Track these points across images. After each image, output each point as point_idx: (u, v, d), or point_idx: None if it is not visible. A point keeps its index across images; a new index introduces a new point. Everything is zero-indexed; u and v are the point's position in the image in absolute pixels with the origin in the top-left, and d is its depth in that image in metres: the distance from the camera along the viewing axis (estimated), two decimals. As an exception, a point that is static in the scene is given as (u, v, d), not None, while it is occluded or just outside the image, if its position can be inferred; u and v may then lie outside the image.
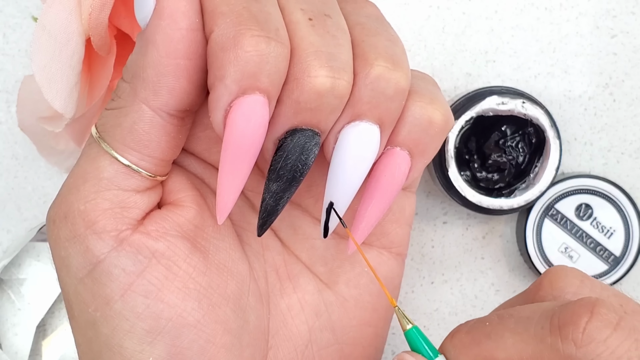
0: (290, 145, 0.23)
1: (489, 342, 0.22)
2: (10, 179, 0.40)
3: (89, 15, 0.28)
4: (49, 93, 0.29)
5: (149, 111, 0.23)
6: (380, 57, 0.23)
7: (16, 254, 0.38)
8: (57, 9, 0.28)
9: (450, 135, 0.36)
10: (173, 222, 0.25)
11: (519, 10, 0.39)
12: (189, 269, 0.24)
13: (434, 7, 0.39)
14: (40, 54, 0.28)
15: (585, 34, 0.40)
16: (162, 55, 0.22)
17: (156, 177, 0.24)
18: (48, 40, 0.28)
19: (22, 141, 0.40)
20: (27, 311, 0.38)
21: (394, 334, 0.40)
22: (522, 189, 0.37)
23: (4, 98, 0.39)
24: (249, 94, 0.22)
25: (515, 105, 0.36)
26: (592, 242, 0.38)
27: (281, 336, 0.27)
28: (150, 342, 0.24)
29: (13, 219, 0.40)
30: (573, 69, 0.40)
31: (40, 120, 0.33)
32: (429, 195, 0.40)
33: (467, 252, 0.40)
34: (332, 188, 0.24)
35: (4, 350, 0.39)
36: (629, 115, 0.40)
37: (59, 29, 0.28)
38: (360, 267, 0.28)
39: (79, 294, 0.24)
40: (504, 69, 0.40)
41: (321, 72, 0.22)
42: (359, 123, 0.24)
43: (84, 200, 0.24)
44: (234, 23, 0.22)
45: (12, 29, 0.39)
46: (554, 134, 0.36)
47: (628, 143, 0.40)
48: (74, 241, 0.24)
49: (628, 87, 0.40)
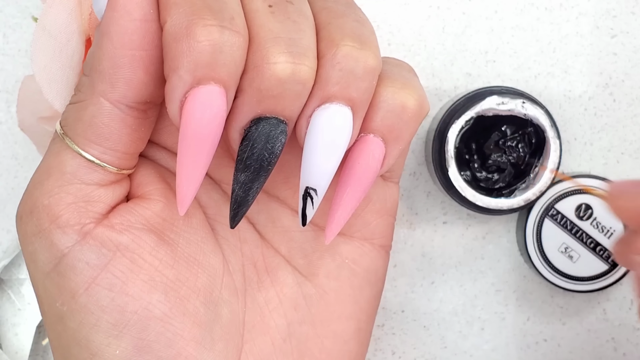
0: (255, 134, 0.23)
1: None
2: (10, 179, 0.40)
3: (89, 15, 0.28)
4: (49, 93, 0.29)
5: (107, 104, 0.23)
6: (346, 37, 0.23)
7: (16, 254, 0.38)
8: (57, 9, 0.28)
9: (450, 135, 0.36)
10: (139, 215, 0.25)
11: (519, 10, 0.39)
12: (155, 262, 0.24)
13: (434, 7, 0.39)
14: (40, 54, 0.28)
15: (585, 34, 0.40)
16: (116, 47, 0.22)
17: (121, 171, 0.24)
18: (48, 40, 0.28)
19: (22, 141, 0.40)
20: (27, 311, 0.38)
21: (394, 334, 0.40)
22: (522, 189, 0.37)
23: (4, 98, 0.39)
24: (204, 84, 0.22)
25: (515, 105, 0.36)
26: (592, 242, 0.38)
27: (258, 330, 0.27)
28: (117, 335, 0.24)
29: (13, 219, 0.40)
30: (573, 69, 0.40)
31: (40, 120, 0.33)
32: (429, 195, 0.40)
33: (467, 252, 0.40)
34: (307, 173, 0.24)
35: (4, 350, 0.39)
36: (629, 115, 0.40)
37: (59, 29, 0.28)
38: (341, 259, 0.28)
39: (46, 288, 0.24)
40: (504, 69, 0.40)
41: (281, 58, 0.22)
42: (329, 105, 0.23)
43: (47, 195, 0.23)
44: (186, 13, 0.21)
45: (12, 29, 0.39)
46: (554, 134, 0.36)
47: (628, 143, 0.40)
48: (39, 236, 0.24)
49: (628, 87, 0.40)
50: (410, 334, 0.40)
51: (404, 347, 0.40)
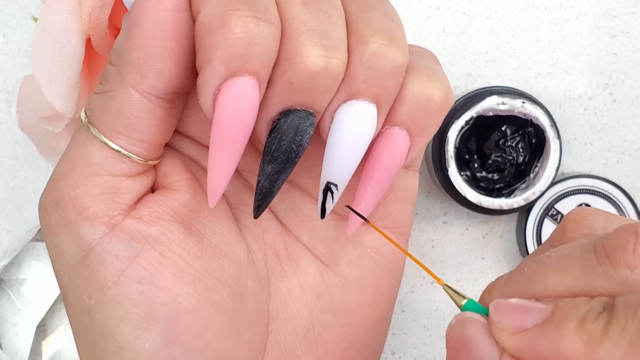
0: (284, 126, 0.23)
1: (533, 286, 0.21)
2: (10, 179, 0.40)
3: (89, 15, 0.28)
4: (49, 93, 0.29)
5: (137, 95, 0.23)
6: (375, 34, 0.23)
7: (16, 254, 0.38)
8: (57, 9, 0.28)
9: (450, 135, 0.36)
10: (166, 207, 0.24)
11: (519, 10, 0.39)
12: (183, 254, 0.24)
13: (434, 7, 0.39)
14: (40, 54, 0.28)
15: (585, 34, 0.40)
16: (147, 37, 0.22)
17: (147, 162, 0.24)
18: (48, 40, 0.28)
19: (22, 141, 0.40)
20: (27, 311, 0.38)
21: (394, 334, 0.40)
22: (522, 189, 0.37)
23: (4, 98, 0.39)
24: (238, 76, 0.21)
25: (515, 105, 0.36)
26: (592, 242, 0.38)
27: (282, 320, 0.27)
28: (146, 328, 0.23)
29: (13, 219, 0.40)
30: (573, 69, 0.40)
31: (40, 120, 0.33)
32: (429, 195, 0.40)
33: (467, 252, 0.40)
34: (329, 168, 0.24)
35: (4, 350, 0.38)
36: (629, 115, 0.40)
37: (59, 29, 0.28)
38: (363, 248, 0.28)
39: (72, 281, 0.24)
40: (504, 69, 0.40)
41: (314, 51, 0.22)
42: (355, 102, 0.23)
43: (74, 186, 0.23)
44: (221, 3, 0.21)
45: (12, 29, 0.39)
46: (554, 134, 0.36)
47: (628, 143, 0.40)
48: (65, 228, 0.23)
49: (628, 87, 0.40)
50: (410, 334, 0.40)
51: (404, 347, 0.40)
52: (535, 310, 0.20)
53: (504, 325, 0.20)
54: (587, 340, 0.18)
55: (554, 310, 0.20)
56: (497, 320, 0.20)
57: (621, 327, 0.18)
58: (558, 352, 0.19)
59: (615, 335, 0.18)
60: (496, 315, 0.20)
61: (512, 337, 0.20)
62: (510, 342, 0.20)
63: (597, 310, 0.19)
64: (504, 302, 0.21)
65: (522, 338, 0.20)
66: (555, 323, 0.19)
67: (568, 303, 0.20)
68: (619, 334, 0.18)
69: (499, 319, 0.20)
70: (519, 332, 0.20)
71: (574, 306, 0.19)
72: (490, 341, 0.20)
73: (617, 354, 0.18)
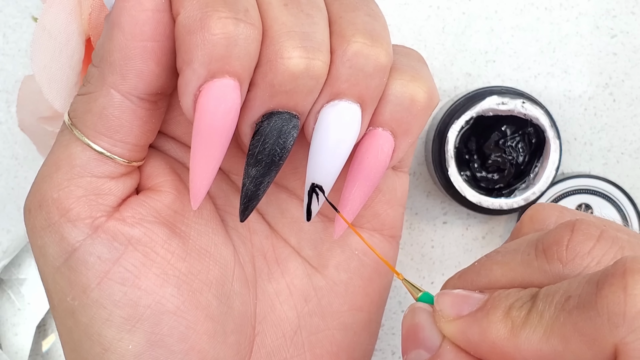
0: (267, 128, 0.23)
1: (480, 279, 0.22)
2: (10, 179, 0.40)
3: (89, 15, 0.28)
4: (49, 93, 0.29)
5: (118, 96, 0.23)
6: (358, 33, 0.23)
7: (16, 254, 0.38)
8: (57, 9, 0.28)
9: (450, 135, 0.36)
10: (150, 208, 0.24)
11: (519, 10, 0.39)
12: (167, 255, 0.24)
13: (434, 7, 0.39)
14: (40, 54, 0.28)
15: (585, 34, 0.40)
16: (127, 38, 0.22)
17: (131, 163, 0.24)
18: (48, 40, 0.28)
19: (22, 141, 0.40)
20: (27, 311, 0.38)
21: (394, 334, 0.40)
22: (522, 189, 0.37)
23: (4, 98, 0.39)
24: (219, 77, 0.21)
25: (515, 105, 0.36)
26: (592, 242, 0.38)
27: (269, 322, 0.27)
28: (129, 329, 0.23)
29: (13, 219, 0.40)
30: (573, 69, 0.40)
31: (40, 120, 0.33)
32: (429, 195, 0.40)
33: (467, 252, 0.40)
34: (313, 170, 0.24)
35: (4, 350, 0.39)
36: (629, 115, 0.40)
37: (59, 29, 0.28)
38: (351, 251, 0.28)
39: (56, 283, 0.24)
40: (504, 69, 0.40)
41: (295, 53, 0.22)
42: (338, 102, 0.23)
43: (57, 188, 0.23)
44: (200, 4, 0.21)
45: (12, 29, 0.39)
46: (554, 134, 0.36)
47: (628, 143, 0.40)
48: (49, 230, 0.23)
49: (628, 87, 0.40)
50: (410, 334, 0.40)
51: (404, 347, 0.40)
52: (472, 300, 0.21)
53: (443, 313, 0.21)
54: (511, 326, 0.19)
55: (487, 299, 0.21)
56: (438, 308, 0.21)
57: (539, 314, 0.19)
58: (485, 338, 0.20)
59: (534, 322, 0.19)
60: (438, 304, 0.22)
61: (449, 324, 0.21)
62: (448, 329, 0.21)
63: (525, 299, 0.20)
64: (447, 292, 0.22)
65: (457, 324, 0.21)
66: (486, 311, 0.20)
67: (501, 293, 0.21)
68: (537, 320, 0.19)
69: (440, 307, 0.21)
70: (455, 319, 0.21)
71: (505, 296, 0.20)
72: (434, 328, 0.22)
73: (534, 339, 0.19)
